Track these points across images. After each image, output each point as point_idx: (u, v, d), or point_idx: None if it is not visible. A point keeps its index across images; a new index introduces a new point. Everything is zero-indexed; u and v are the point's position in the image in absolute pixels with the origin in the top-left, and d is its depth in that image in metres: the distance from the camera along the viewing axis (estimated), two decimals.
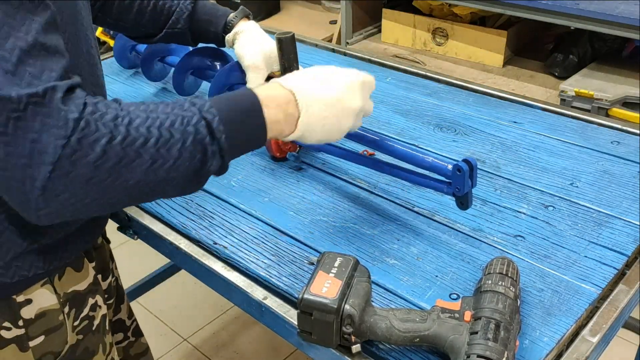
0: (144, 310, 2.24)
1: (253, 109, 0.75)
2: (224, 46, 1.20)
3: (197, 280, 1.03)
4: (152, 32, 1.19)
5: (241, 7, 1.19)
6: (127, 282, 2.04)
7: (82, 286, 0.91)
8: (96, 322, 0.94)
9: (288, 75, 0.83)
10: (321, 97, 0.80)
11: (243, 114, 0.75)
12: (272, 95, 0.78)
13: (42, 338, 0.86)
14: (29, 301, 0.84)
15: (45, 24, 0.66)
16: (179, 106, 0.71)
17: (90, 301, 0.93)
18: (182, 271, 2.04)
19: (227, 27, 1.16)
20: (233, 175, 1.15)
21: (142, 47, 1.45)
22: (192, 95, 1.39)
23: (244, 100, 0.76)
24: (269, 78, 1.15)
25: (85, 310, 0.92)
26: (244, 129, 0.75)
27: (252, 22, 1.18)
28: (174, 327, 2.20)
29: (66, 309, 0.88)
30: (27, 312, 0.84)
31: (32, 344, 0.85)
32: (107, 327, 0.99)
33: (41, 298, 0.85)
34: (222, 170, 0.74)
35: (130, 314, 1.17)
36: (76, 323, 0.91)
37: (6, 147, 0.62)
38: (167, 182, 0.70)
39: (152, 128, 0.67)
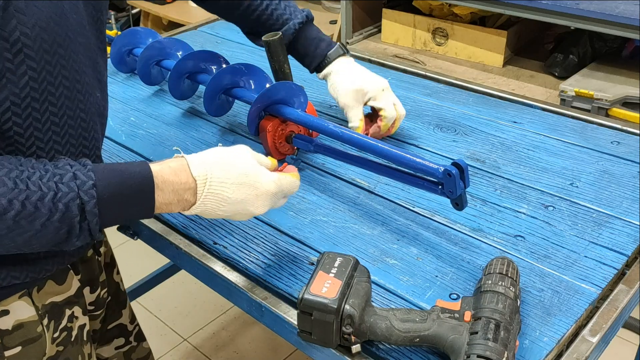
0: (144, 310, 2.24)
1: (142, 193, 0.75)
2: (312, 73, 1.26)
3: (197, 280, 1.03)
4: (257, 31, 1.23)
5: (338, 44, 1.23)
6: (127, 282, 2.03)
7: (59, 297, 0.89)
8: (74, 333, 0.92)
9: (206, 156, 0.81)
10: (224, 197, 0.80)
11: (128, 196, 0.74)
12: (170, 180, 0.77)
13: (18, 349, 0.84)
14: (5, 312, 0.82)
15: None
16: (58, 178, 0.70)
17: (67, 312, 0.91)
18: (182, 271, 2.04)
19: (323, 63, 1.21)
20: None
21: (139, 51, 1.45)
22: (186, 97, 1.39)
23: (135, 182, 0.74)
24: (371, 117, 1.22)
25: (64, 322, 0.90)
26: (124, 209, 0.75)
27: (344, 60, 1.22)
28: (174, 327, 2.20)
29: (45, 321, 0.87)
30: (4, 323, 0.82)
31: (7, 354, 0.84)
32: (86, 338, 0.96)
33: (18, 310, 0.84)
34: (92, 240, 0.75)
35: (133, 318, 1.16)
36: (56, 335, 0.89)
37: None
38: (26, 247, 0.71)
39: (15, 201, 0.67)
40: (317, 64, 1.22)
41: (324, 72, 1.22)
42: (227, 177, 0.80)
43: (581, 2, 1.84)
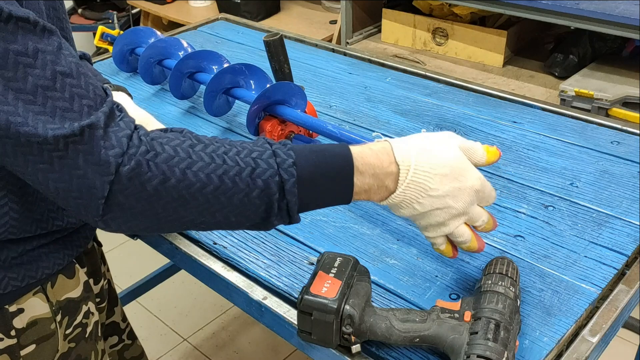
0: (144, 310, 2.24)
1: (342, 175, 0.71)
2: None
3: (197, 280, 1.03)
4: None
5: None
6: (126, 282, 2.04)
7: (75, 293, 0.90)
8: (89, 329, 0.93)
9: (411, 143, 0.76)
10: (426, 187, 0.74)
11: (328, 177, 0.70)
12: (371, 163, 0.73)
13: (33, 347, 0.85)
14: (21, 310, 0.83)
15: (56, 50, 0.64)
16: (257, 154, 0.68)
17: (84, 308, 0.91)
18: (182, 271, 2.04)
19: None
20: None
21: (140, 50, 1.45)
22: (187, 97, 1.39)
23: (335, 162, 0.71)
24: None
25: (79, 318, 0.91)
26: (323, 192, 0.71)
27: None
28: (174, 327, 2.20)
29: (58, 317, 0.87)
30: (19, 322, 0.83)
31: (23, 352, 0.84)
32: (100, 334, 0.97)
33: (33, 307, 0.84)
34: (290, 222, 0.72)
35: (124, 317, 1.16)
36: (68, 331, 0.89)
37: (56, 183, 0.63)
38: (226, 224, 0.69)
39: (213, 175, 0.66)
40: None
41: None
42: (431, 167, 0.75)
43: (581, 2, 1.84)
